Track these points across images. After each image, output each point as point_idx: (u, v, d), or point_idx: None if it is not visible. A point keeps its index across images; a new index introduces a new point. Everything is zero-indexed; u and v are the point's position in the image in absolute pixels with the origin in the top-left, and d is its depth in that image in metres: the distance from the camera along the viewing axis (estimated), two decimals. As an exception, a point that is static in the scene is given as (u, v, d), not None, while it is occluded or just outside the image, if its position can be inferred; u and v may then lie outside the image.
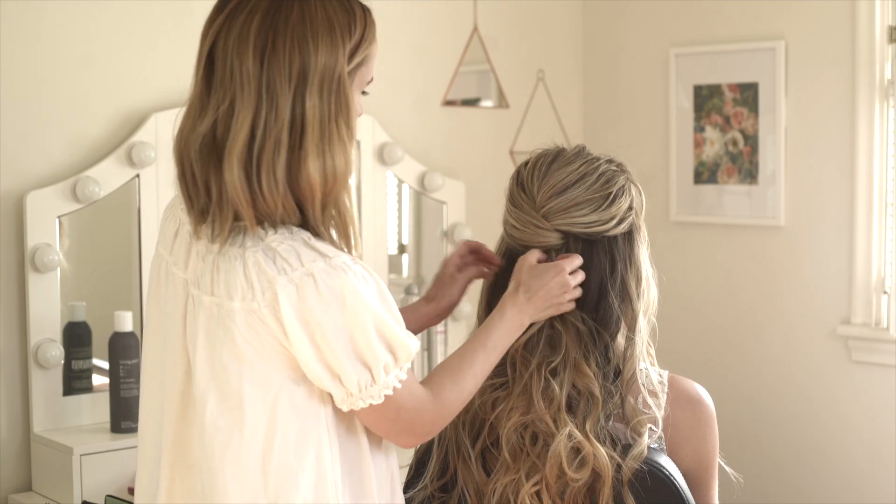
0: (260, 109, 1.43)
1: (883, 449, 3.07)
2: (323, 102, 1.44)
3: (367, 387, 1.44)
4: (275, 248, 1.42)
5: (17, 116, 2.57)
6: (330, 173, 1.44)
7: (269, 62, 1.44)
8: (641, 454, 1.61)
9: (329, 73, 1.45)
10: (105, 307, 2.65)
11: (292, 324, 1.40)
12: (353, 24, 1.48)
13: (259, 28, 1.45)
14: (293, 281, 1.40)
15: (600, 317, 1.68)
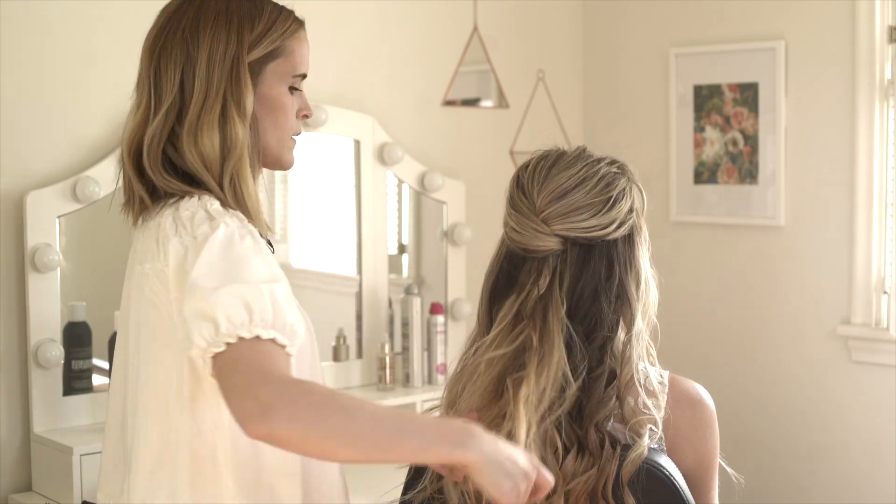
0: (150, 98, 1.53)
1: (883, 449, 3.07)
2: (210, 80, 1.50)
3: (211, 336, 1.34)
4: (180, 213, 1.47)
5: (17, 116, 2.57)
6: (219, 148, 1.49)
7: (158, 55, 1.54)
8: (641, 455, 1.61)
9: (218, 55, 1.51)
10: (105, 307, 2.65)
11: (174, 280, 1.43)
12: (257, 16, 1.54)
13: (158, 29, 1.57)
14: (182, 242, 1.44)
15: (591, 319, 1.68)
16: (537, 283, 1.67)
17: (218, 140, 1.50)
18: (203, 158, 1.50)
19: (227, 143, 1.50)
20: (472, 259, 3.22)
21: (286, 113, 1.58)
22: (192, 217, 1.46)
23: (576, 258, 1.68)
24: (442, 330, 3.14)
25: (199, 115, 1.49)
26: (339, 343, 3.07)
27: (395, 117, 3.20)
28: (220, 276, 1.38)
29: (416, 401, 3.00)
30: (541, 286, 1.67)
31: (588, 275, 1.68)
